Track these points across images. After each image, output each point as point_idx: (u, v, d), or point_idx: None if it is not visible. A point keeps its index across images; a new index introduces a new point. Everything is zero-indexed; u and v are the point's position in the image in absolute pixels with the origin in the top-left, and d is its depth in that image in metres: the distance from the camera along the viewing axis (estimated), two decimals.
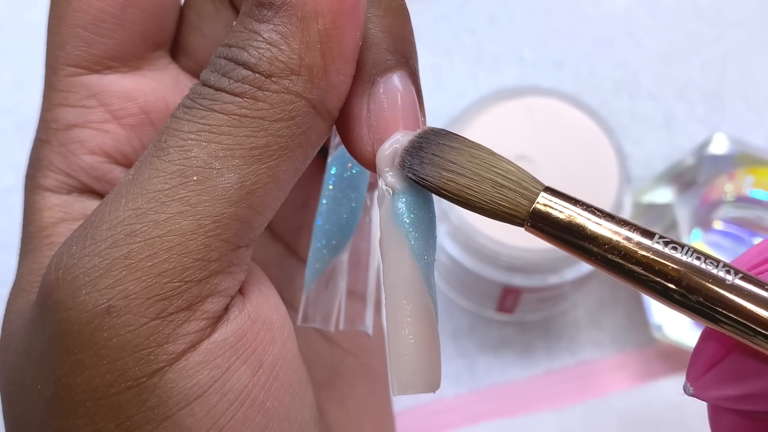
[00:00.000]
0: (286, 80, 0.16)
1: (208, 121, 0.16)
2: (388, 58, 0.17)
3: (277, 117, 0.16)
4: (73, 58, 0.18)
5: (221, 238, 0.16)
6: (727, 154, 0.39)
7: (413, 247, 0.16)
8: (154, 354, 0.15)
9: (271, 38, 0.16)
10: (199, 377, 0.15)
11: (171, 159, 0.15)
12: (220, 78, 0.16)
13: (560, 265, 0.35)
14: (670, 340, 0.38)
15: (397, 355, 0.16)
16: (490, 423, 0.38)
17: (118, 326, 0.15)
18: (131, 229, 0.15)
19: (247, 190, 0.16)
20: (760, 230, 0.39)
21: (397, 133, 0.16)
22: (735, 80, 0.46)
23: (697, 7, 0.48)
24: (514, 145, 0.36)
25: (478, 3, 0.48)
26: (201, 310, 0.16)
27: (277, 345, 0.17)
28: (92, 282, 0.15)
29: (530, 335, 0.41)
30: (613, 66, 0.47)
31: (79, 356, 0.15)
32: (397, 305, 0.16)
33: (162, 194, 0.15)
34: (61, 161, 0.18)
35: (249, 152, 0.16)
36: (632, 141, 0.44)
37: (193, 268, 0.15)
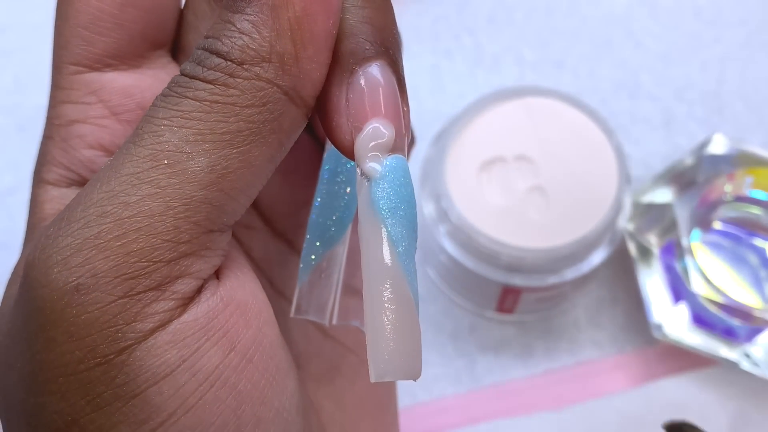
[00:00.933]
0: (257, 67, 0.16)
1: (180, 107, 0.16)
2: (367, 47, 0.17)
3: (248, 103, 0.16)
4: (74, 57, 0.19)
5: (191, 220, 0.16)
6: (727, 154, 0.39)
7: (390, 234, 0.17)
8: (122, 332, 0.15)
9: (243, 27, 0.16)
10: (167, 356, 0.16)
11: (144, 144, 0.16)
12: (195, 66, 0.16)
13: (560, 265, 0.35)
14: (670, 340, 0.38)
15: (374, 341, 0.16)
16: (490, 423, 0.38)
17: (87, 303, 0.15)
18: (102, 210, 0.15)
19: (217, 174, 0.16)
20: (760, 230, 0.39)
21: (373, 119, 0.17)
22: (734, 81, 0.46)
23: (697, 8, 0.48)
24: (514, 145, 0.36)
25: (478, 3, 0.49)
26: (170, 290, 0.16)
27: (251, 330, 0.17)
28: (63, 260, 0.15)
29: (530, 335, 0.41)
30: (613, 66, 0.47)
31: (51, 333, 0.15)
32: (374, 292, 0.16)
33: (133, 177, 0.16)
34: (63, 156, 0.19)
35: (220, 137, 0.16)
36: (632, 141, 0.44)
37: (162, 248, 0.16)
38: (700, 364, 0.39)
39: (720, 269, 0.38)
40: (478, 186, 0.36)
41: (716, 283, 0.36)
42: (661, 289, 0.39)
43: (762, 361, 0.37)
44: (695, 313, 0.38)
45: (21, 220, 0.19)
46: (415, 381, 0.16)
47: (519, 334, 0.41)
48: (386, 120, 0.17)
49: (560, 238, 0.34)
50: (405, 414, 0.39)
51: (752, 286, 0.38)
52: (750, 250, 0.39)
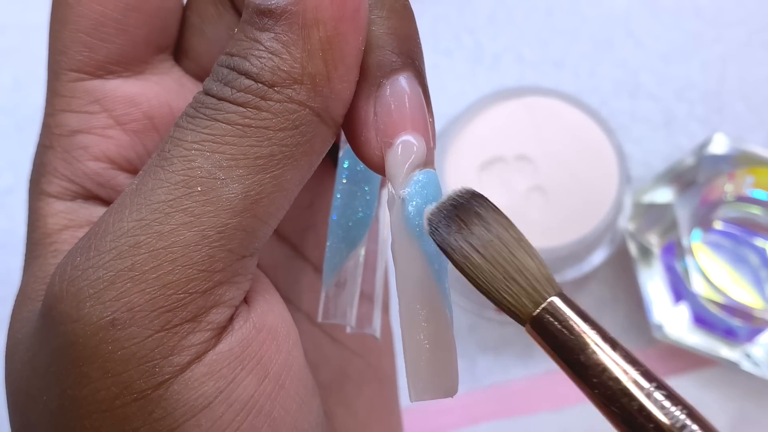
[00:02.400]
0: (289, 89, 0.15)
1: (211, 130, 0.15)
2: (394, 59, 0.16)
3: (281, 126, 0.15)
4: (75, 63, 0.18)
5: (226, 248, 0.15)
6: (727, 154, 0.39)
7: (425, 251, 0.16)
8: (159, 366, 0.15)
9: (273, 47, 0.15)
10: (204, 388, 0.15)
11: (175, 169, 0.15)
12: (222, 87, 0.16)
13: (560, 265, 0.35)
14: (671, 340, 0.38)
15: (412, 360, 0.16)
16: (491, 423, 0.38)
17: (123, 339, 0.15)
18: (135, 240, 0.15)
19: (251, 200, 0.15)
20: (760, 230, 0.39)
21: (404, 134, 0.16)
22: (735, 80, 0.46)
23: (697, 7, 0.48)
24: (514, 145, 0.36)
25: (478, 3, 0.48)
26: (206, 321, 0.15)
27: (282, 354, 0.17)
28: (96, 294, 0.15)
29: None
30: (613, 66, 0.47)
31: (84, 369, 0.15)
32: (410, 310, 0.16)
33: (166, 205, 0.15)
34: (65, 167, 0.18)
35: (253, 162, 0.15)
36: (632, 141, 0.44)
37: (197, 279, 0.15)
38: (701, 364, 0.39)
39: (720, 269, 0.38)
40: (478, 186, 0.35)
41: (717, 283, 0.36)
42: (661, 289, 0.39)
43: (762, 362, 0.37)
44: (696, 313, 0.38)
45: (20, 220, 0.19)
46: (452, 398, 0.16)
47: (519, 334, 0.41)
48: (416, 133, 0.16)
49: (560, 238, 0.34)
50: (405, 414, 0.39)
51: (753, 286, 0.38)
52: (750, 250, 0.39)
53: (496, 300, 0.16)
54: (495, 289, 0.16)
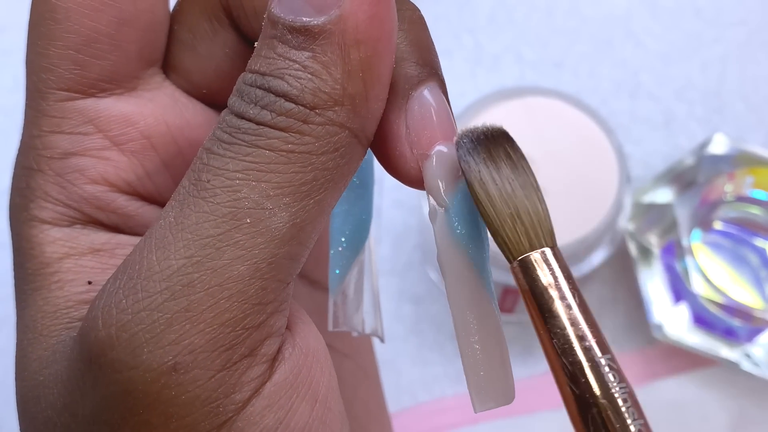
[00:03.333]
0: (330, 111, 0.15)
1: (254, 158, 0.15)
2: (419, 71, 0.16)
3: (323, 150, 0.15)
4: (65, 82, 0.17)
5: (276, 279, 0.15)
6: (727, 154, 0.39)
7: (473, 259, 0.16)
8: (223, 405, 0.15)
9: (312, 67, 0.15)
10: (266, 422, 0.15)
11: (219, 201, 0.15)
12: (260, 111, 0.15)
13: None
14: (671, 340, 0.38)
15: (472, 371, 0.16)
16: (490, 423, 0.38)
17: (186, 383, 0.14)
18: (189, 279, 0.14)
19: (298, 227, 0.15)
20: (760, 230, 0.39)
21: (437, 144, 0.16)
22: (735, 80, 0.46)
23: (697, 8, 0.48)
24: None
25: (478, 3, 0.48)
26: (261, 354, 0.15)
27: (326, 375, 0.17)
28: (154, 339, 0.14)
29: (530, 335, 0.40)
30: (613, 66, 0.47)
31: (145, 416, 0.14)
32: (465, 320, 0.16)
33: (216, 240, 0.15)
34: (59, 192, 0.17)
35: (298, 189, 0.15)
36: (632, 141, 0.44)
37: (253, 313, 0.15)
38: (701, 364, 0.39)
39: (720, 269, 0.38)
40: None
41: (717, 283, 0.36)
42: (661, 290, 0.39)
43: (762, 362, 0.37)
44: (695, 313, 0.38)
45: None
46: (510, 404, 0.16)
47: (519, 334, 0.41)
48: (448, 143, 0.16)
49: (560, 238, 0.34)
50: (405, 414, 0.39)
51: (753, 286, 0.38)
52: (750, 250, 0.39)
53: (495, 231, 0.16)
54: (498, 222, 0.16)
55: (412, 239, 0.42)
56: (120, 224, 0.18)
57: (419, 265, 0.42)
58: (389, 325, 0.41)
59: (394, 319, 0.41)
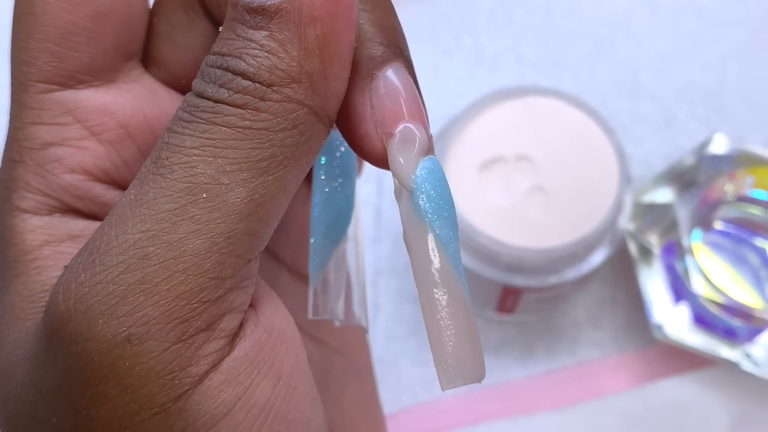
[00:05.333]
0: (287, 88, 0.15)
1: (211, 135, 0.15)
2: (383, 51, 0.16)
3: (281, 127, 0.15)
4: (44, 74, 0.18)
5: (234, 254, 0.15)
6: (728, 154, 0.39)
7: (439, 237, 0.16)
8: (178, 378, 0.15)
9: (269, 45, 0.15)
10: (223, 396, 0.15)
11: (176, 177, 0.15)
12: (218, 89, 0.15)
13: (560, 265, 0.35)
14: (671, 340, 0.38)
15: (438, 348, 0.16)
16: (490, 423, 0.38)
17: (140, 354, 0.14)
18: (144, 252, 0.15)
19: (256, 203, 0.15)
20: (761, 230, 0.39)
21: (403, 122, 0.16)
22: (735, 80, 0.46)
23: (697, 7, 0.48)
24: (514, 145, 0.36)
25: (478, 3, 0.48)
26: (219, 328, 0.15)
27: (291, 355, 0.17)
28: (109, 310, 0.14)
29: (530, 335, 0.40)
30: (613, 66, 0.47)
31: (101, 387, 0.15)
32: (430, 298, 0.16)
33: (172, 214, 0.15)
34: (39, 181, 0.18)
35: (256, 165, 0.15)
36: (632, 141, 0.44)
37: (209, 287, 0.15)
38: (701, 364, 0.39)
39: (721, 269, 0.38)
40: (478, 186, 0.36)
41: (717, 283, 0.36)
42: (661, 290, 0.39)
43: (763, 362, 0.37)
44: (696, 313, 0.38)
45: None
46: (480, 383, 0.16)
47: (519, 335, 0.41)
48: (414, 121, 0.16)
49: (560, 238, 0.34)
50: (405, 414, 0.39)
51: (753, 286, 0.38)
52: (751, 250, 0.39)
53: None
54: None
55: None
56: (98, 212, 0.18)
57: None
58: (389, 325, 0.41)
59: (394, 319, 0.41)
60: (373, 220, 0.43)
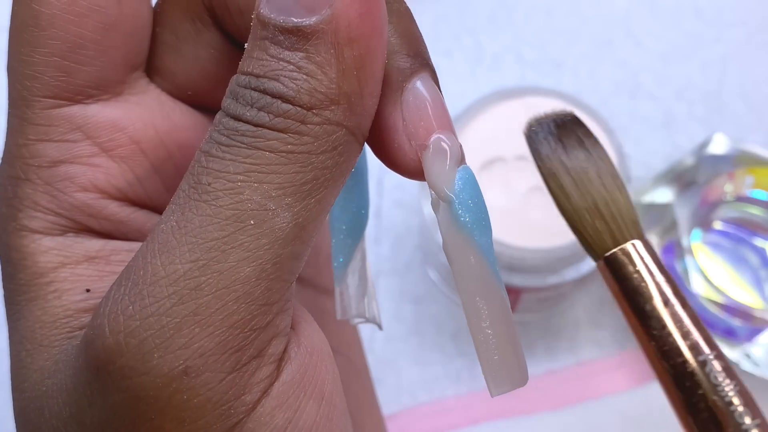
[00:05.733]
0: (327, 111, 0.15)
1: (254, 160, 0.15)
2: (411, 63, 0.16)
3: (322, 149, 0.15)
4: (50, 89, 0.17)
5: (281, 278, 0.15)
6: (727, 154, 0.39)
7: (479, 246, 0.16)
8: (234, 407, 0.15)
9: (307, 68, 0.15)
10: (276, 421, 0.15)
11: (222, 203, 0.15)
12: (257, 113, 0.15)
13: (560, 265, 0.35)
14: None
15: (486, 356, 0.16)
16: (491, 423, 0.38)
17: (198, 386, 0.14)
18: (196, 282, 0.14)
19: (300, 227, 0.15)
20: (760, 230, 0.39)
21: (435, 134, 0.16)
22: (735, 80, 0.46)
23: (697, 8, 0.48)
24: (514, 145, 0.36)
25: (478, 3, 0.48)
26: (269, 354, 0.15)
27: (330, 373, 0.17)
28: (164, 344, 0.14)
29: (530, 335, 0.41)
30: (613, 66, 0.47)
31: (157, 422, 0.14)
32: (475, 307, 0.16)
33: (221, 242, 0.15)
34: (49, 201, 0.17)
35: (299, 188, 0.15)
36: (632, 141, 0.44)
37: (260, 314, 0.15)
38: None
39: (720, 269, 0.38)
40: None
41: (716, 283, 0.36)
42: None
43: (762, 362, 0.37)
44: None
45: None
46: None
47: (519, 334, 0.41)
48: (446, 131, 0.16)
49: (560, 238, 0.34)
50: (405, 414, 0.39)
51: (752, 286, 0.38)
52: (750, 250, 0.39)
53: (575, 226, 0.15)
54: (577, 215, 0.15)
55: (413, 239, 0.42)
56: (113, 231, 0.18)
57: (419, 265, 0.42)
58: (389, 325, 0.41)
59: (394, 319, 0.41)
60: (373, 220, 0.43)
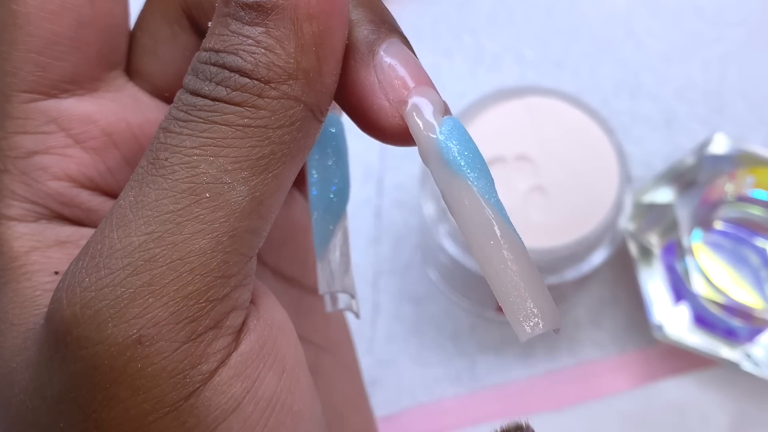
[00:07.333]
0: (285, 85, 0.15)
1: (211, 134, 0.15)
2: (379, 29, 0.17)
3: (278, 124, 0.15)
4: (28, 84, 0.18)
5: (238, 252, 0.15)
6: (728, 154, 0.39)
7: (478, 188, 0.16)
8: (190, 376, 0.15)
9: (266, 42, 0.15)
10: (233, 390, 0.15)
11: (178, 177, 0.15)
12: (215, 87, 0.15)
13: (560, 265, 0.35)
14: (671, 340, 0.38)
15: (508, 299, 0.15)
16: (491, 424, 0.38)
17: (152, 354, 0.15)
18: (150, 254, 0.15)
19: (257, 201, 0.15)
20: (761, 230, 0.39)
21: (414, 89, 0.16)
22: (735, 80, 0.46)
23: (697, 7, 0.48)
24: (514, 145, 0.36)
25: (478, 3, 0.48)
26: (226, 326, 0.16)
27: (292, 348, 0.17)
28: (118, 314, 0.15)
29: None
30: (613, 66, 0.47)
31: (112, 390, 0.15)
32: (487, 250, 0.16)
33: (176, 215, 0.15)
34: (25, 189, 0.18)
35: (256, 162, 0.15)
36: (632, 141, 0.44)
37: (216, 286, 0.15)
38: (701, 364, 0.39)
39: (721, 269, 0.38)
40: None
41: (717, 283, 0.36)
42: (661, 290, 0.39)
43: (763, 362, 0.37)
44: (696, 313, 0.38)
45: None
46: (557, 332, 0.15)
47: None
48: (423, 86, 0.16)
49: (560, 238, 0.34)
50: (405, 414, 0.39)
51: (753, 286, 0.38)
52: (751, 250, 0.39)
53: None
54: None
55: (412, 239, 0.42)
56: (84, 218, 0.19)
57: (419, 265, 0.42)
58: (389, 325, 0.41)
59: (394, 319, 0.41)
60: (373, 220, 0.43)
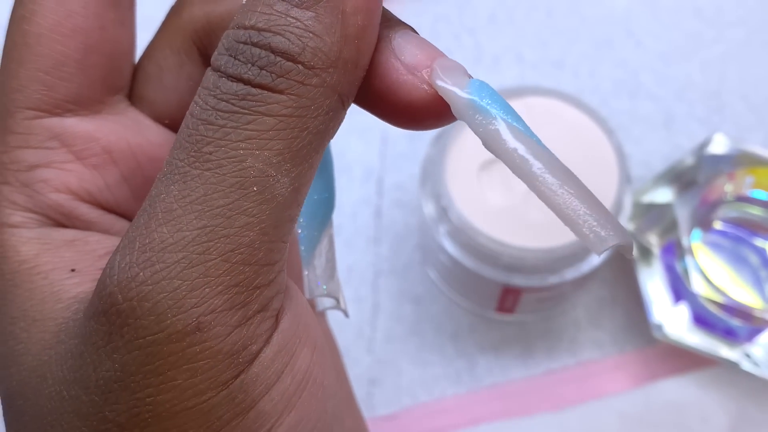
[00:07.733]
0: (325, 73, 0.15)
1: (256, 126, 0.15)
2: (388, 22, 0.17)
3: (316, 113, 0.16)
4: (33, 102, 0.18)
5: (281, 240, 0.16)
6: (727, 154, 0.39)
7: (517, 125, 0.17)
8: (242, 356, 0.16)
9: (315, 27, 0.15)
10: (275, 365, 0.16)
11: (226, 172, 0.15)
12: (259, 72, 0.15)
13: (560, 265, 0.35)
14: (671, 340, 0.38)
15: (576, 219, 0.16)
16: (491, 424, 0.38)
17: (209, 339, 0.15)
18: (204, 247, 0.15)
19: (297, 191, 0.16)
20: (760, 230, 0.39)
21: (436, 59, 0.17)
22: (735, 80, 0.46)
23: (697, 7, 0.48)
24: None
25: (478, 3, 0.48)
26: (271, 308, 0.17)
27: (318, 326, 0.18)
28: (177, 304, 0.15)
29: (530, 335, 0.40)
30: (613, 66, 0.47)
31: (170, 374, 0.15)
32: (545, 182, 0.16)
33: (226, 209, 0.15)
34: (26, 200, 0.19)
35: (297, 154, 0.16)
36: (632, 141, 0.44)
37: (263, 273, 0.16)
38: (701, 364, 0.39)
39: (720, 269, 0.38)
40: (478, 186, 0.36)
41: (717, 283, 0.36)
42: (661, 289, 0.39)
43: (762, 362, 0.37)
44: (696, 313, 0.38)
45: None
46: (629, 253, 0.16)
47: (519, 335, 0.41)
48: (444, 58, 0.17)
49: (560, 238, 0.34)
50: (405, 414, 0.39)
51: (752, 286, 0.38)
52: (750, 250, 0.39)
53: None
54: None
55: (412, 239, 0.42)
56: (83, 230, 0.19)
57: (419, 265, 0.42)
58: (389, 325, 0.41)
59: (394, 319, 0.41)
60: (373, 220, 0.43)
